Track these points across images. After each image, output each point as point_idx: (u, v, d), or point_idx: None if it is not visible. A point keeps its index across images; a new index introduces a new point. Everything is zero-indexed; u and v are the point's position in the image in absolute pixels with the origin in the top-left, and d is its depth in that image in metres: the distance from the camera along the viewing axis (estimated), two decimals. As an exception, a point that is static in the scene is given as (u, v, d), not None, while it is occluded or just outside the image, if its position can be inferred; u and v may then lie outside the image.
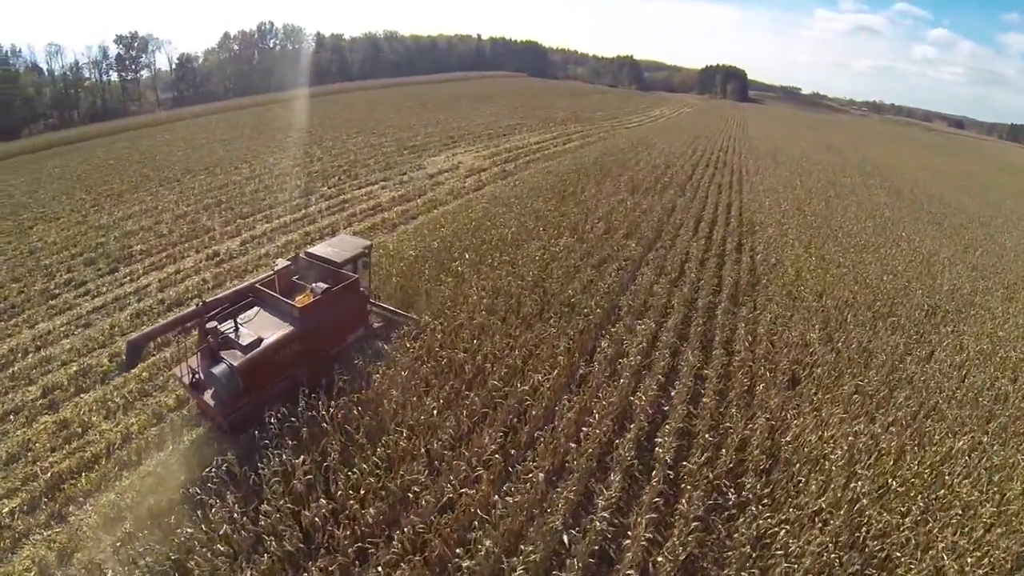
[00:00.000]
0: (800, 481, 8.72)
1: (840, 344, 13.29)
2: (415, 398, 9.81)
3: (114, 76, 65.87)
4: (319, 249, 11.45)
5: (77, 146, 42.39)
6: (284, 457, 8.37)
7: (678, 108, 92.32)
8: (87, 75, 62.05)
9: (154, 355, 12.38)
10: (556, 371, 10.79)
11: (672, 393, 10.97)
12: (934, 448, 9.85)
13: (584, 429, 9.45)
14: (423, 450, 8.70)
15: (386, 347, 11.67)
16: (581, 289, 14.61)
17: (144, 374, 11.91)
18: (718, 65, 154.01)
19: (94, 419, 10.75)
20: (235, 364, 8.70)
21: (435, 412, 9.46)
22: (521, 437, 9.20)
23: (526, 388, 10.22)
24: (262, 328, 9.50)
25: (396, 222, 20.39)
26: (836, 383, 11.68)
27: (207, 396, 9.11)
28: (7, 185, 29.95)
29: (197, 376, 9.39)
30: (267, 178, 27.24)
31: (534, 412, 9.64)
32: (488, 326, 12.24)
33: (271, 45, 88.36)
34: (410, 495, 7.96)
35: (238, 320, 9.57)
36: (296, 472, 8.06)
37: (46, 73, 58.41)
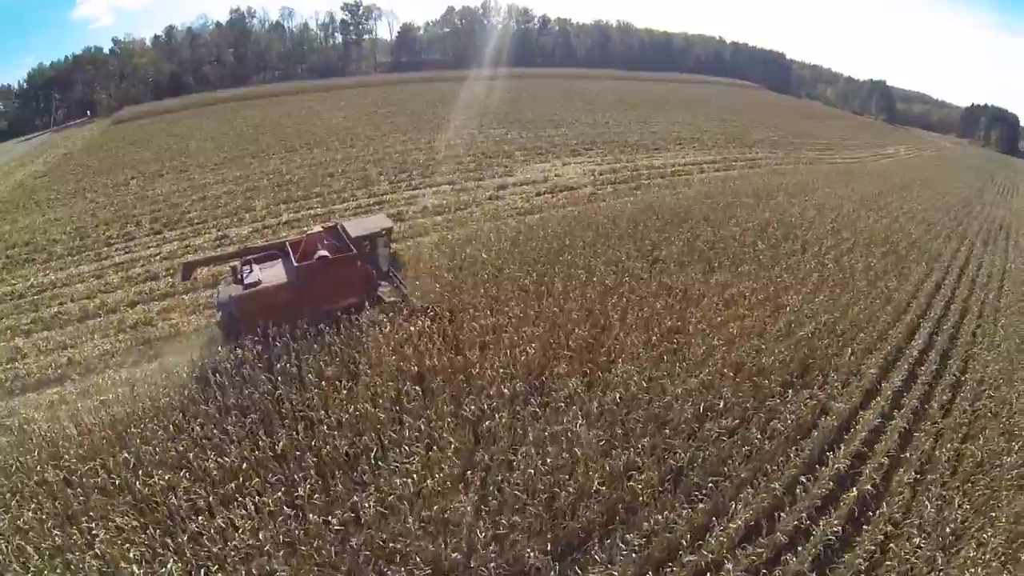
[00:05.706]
0: None
1: None
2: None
3: (339, 38, 77.49)
4: (349, 222, 13.62)
5: (280, 99, 50.83)
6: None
7: (919, 150, 70.65)
8: (315, 35, 74.29)
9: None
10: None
11: None
12: None
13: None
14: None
15: (383, 317, 11.76)
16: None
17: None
18: (985, 105, 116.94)
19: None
20: (233, 296, 11.07)
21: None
22: None
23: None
24: (272, 276, 11.58)
25: (395, 237, 19.47)
26: None
27: (219, 314, 11.79)
28: (196, 129, 37.33)
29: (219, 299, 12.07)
30: (359, 161, 28.69)
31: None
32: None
33: (493, 22, 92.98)
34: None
35: (256, 266, 11.88)
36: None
37: (286, 31, 71.29)
